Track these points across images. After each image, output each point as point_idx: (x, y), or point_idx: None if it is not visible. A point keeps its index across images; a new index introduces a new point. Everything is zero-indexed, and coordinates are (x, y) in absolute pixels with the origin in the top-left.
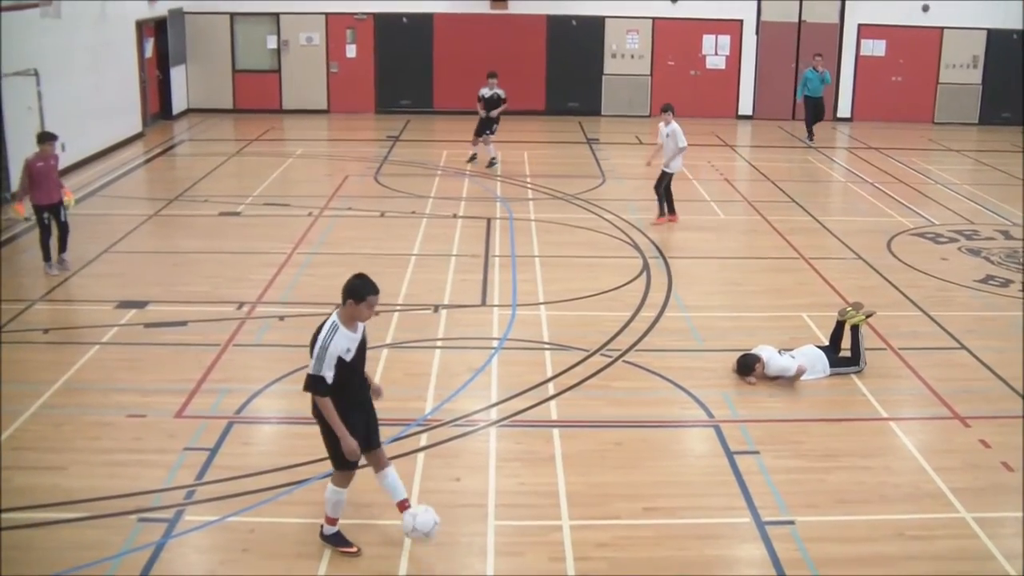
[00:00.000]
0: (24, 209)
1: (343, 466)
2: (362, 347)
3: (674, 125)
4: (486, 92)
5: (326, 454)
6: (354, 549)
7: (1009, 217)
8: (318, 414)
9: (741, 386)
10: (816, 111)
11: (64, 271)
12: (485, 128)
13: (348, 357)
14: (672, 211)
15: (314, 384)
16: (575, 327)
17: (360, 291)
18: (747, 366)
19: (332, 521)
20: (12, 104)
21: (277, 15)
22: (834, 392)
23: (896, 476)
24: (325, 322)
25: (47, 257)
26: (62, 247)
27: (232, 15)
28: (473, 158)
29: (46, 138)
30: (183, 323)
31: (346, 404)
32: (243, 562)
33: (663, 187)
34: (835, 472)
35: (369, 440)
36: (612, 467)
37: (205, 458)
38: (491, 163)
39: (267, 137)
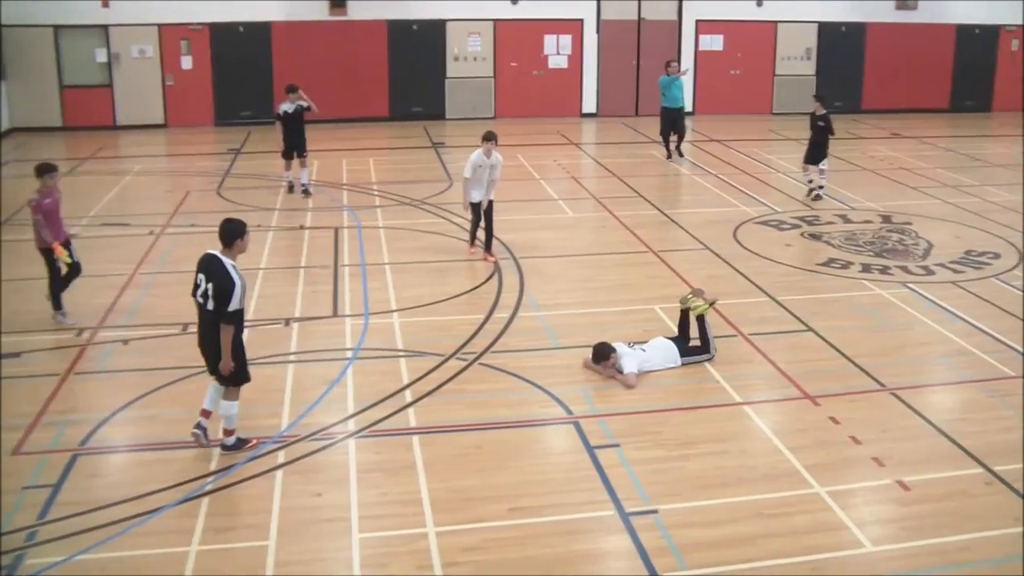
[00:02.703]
0: (63, 251)
1: (242, 381)
2: None
3: (498, 155)
4: (288, 108)
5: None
6: (255, 441)
7: (847, 202)
8: (216, 342)
9: (598, 381)
10: (672, 123)
11: (67, 324)
12: (301, 147)
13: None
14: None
15: (237, 315)
16: (429, 332)
17: (241, 228)
18: (603, 355)
19: (230, 432)
20: None
21: (106, 27)
22: (688, 381)
23: (752, 458)
24: (223, 270)
25: (58, 305)
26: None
27: (55, 27)
28: (292, 188)
29: (48, 170)
30: (16, 354)
31: (240, 329)
32: None
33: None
34: (694, 459)
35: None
36: (474, 470)
37: (47, 495)
38: (306, 190)
39: (101, 155)
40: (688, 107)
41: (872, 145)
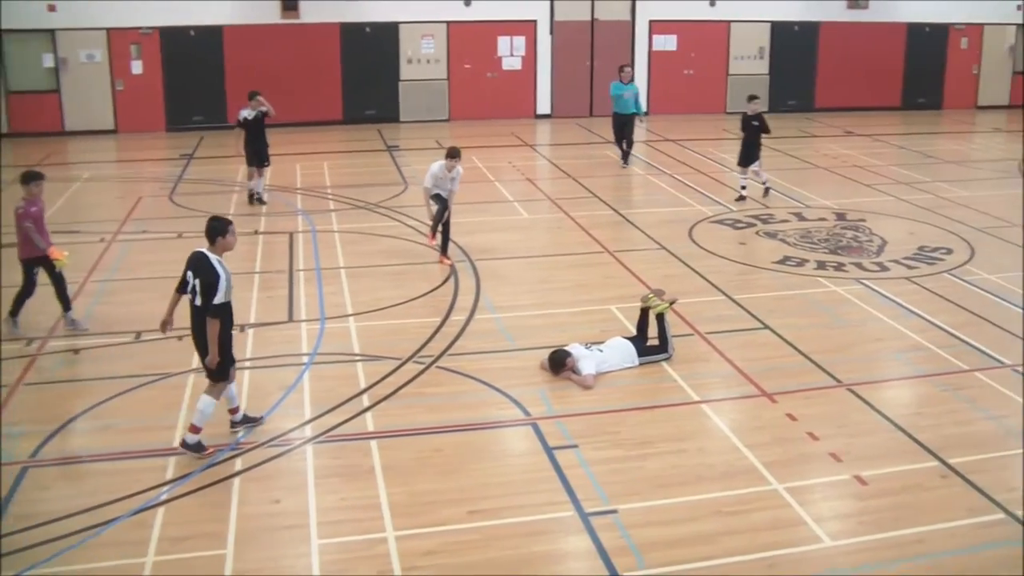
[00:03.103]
0: (61, 252)
1: (224, 378)
2: None
3: (460, 168)
4: (248, 114)
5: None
6: (211, 450)
7: (801, 200)
8: (203, 338)
9: (555, 382)
10: (622, 129)
11: (82, 330)
12: (262, 155)
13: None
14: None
15: (223, 309)
16: (386, 336)
17: (224, 225)
18: (559, 362)
19: (197, 430)
20: None
21: (52, 31)
22: (646, 380)
23: (711, 456)
24: (210, 265)
25: (16, 312)
26: (66, 304)
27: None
28: (252, 198)
29: (35, 177)
30: None
31: (229, 324)
32: None
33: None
34: (652, 458)
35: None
36: (433, 474)
37: None
38: (260, 199)
39: (50, 161)
40: (643, 107)
41: (826, 143)
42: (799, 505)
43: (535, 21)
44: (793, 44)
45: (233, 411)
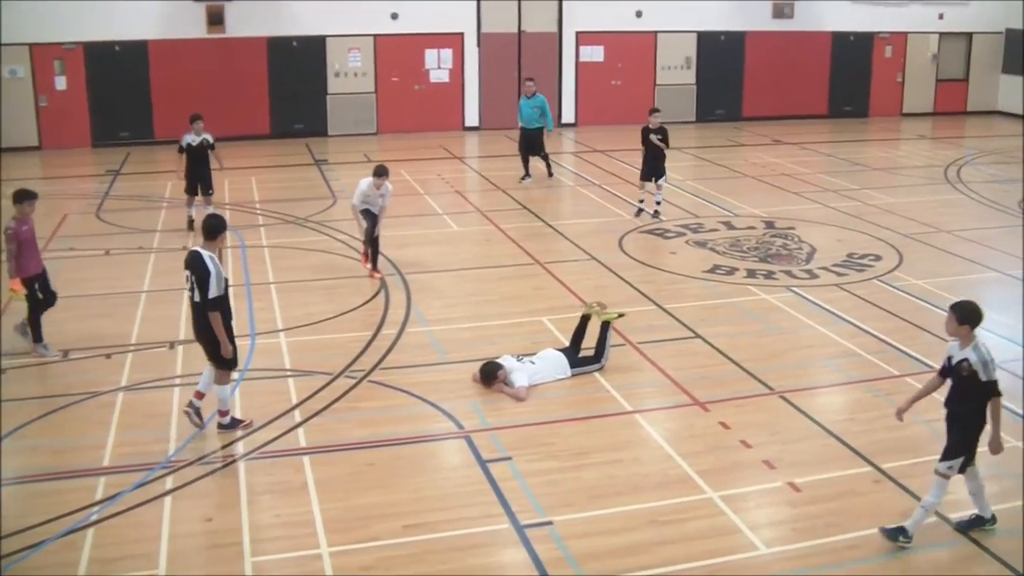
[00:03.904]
0: (20, 286)
1: (229, 366)
2: None
3: (389, 185)
4: (192, 139)
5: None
6: (248, 421)
7: (730, 209)
8: (206, 330)
9: (487, 395)
10: (528, 144)
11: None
12: (206, 183)
13: (227, 276)
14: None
15: (219, 302)
16: (317, 351)
17: (221, 225)
18: (490, 375)
19: (225, 413)
20: None
21: None
22: (579, 391)
23: (645, 466)
24: (201, 262)
25: (39, 337)
26: (35, 333)
27: None
28: (192, 224)
29: (28, 196)
30: None
31: (228, 316)
32: None
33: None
34: (587, 469)
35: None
36: (367, 488)
37: None
38: (192, 224)
39: None
40: (571, 119)
41: (754, 152)
42: (734, 513)
43: (462, 33)
44: (720, 54)
45: (199, 395)
